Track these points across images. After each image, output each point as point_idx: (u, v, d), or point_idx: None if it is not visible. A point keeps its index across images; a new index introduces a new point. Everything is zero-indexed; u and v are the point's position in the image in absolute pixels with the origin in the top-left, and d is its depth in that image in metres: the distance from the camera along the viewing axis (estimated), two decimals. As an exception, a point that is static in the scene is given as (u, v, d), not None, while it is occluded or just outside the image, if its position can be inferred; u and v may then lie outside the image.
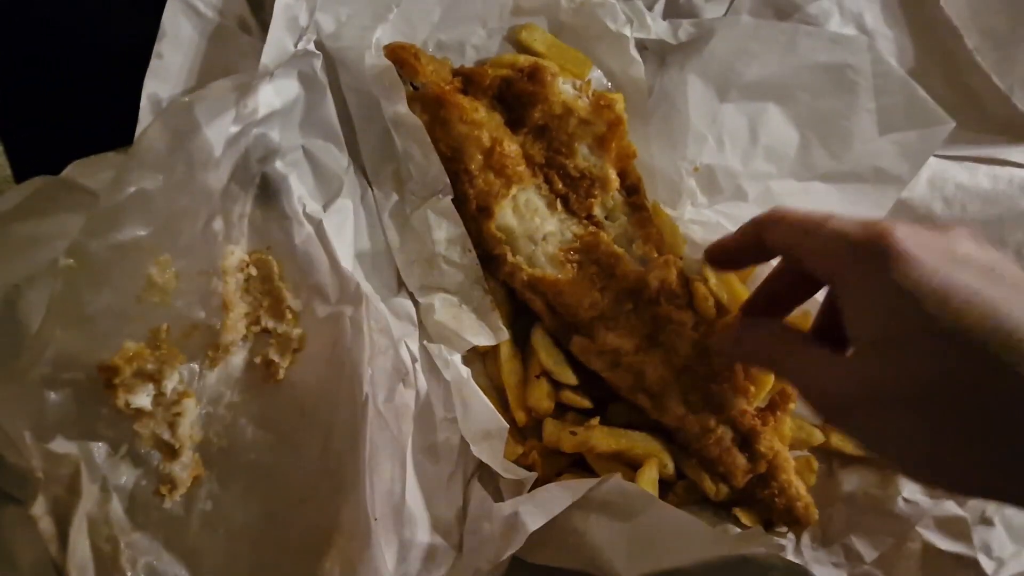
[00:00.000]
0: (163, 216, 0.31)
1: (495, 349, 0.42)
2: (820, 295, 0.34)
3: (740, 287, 0.43)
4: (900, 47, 0.47)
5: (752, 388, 0.40)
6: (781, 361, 0.30)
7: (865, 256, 0.25)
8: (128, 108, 0.32)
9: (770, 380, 0.41)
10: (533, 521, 0.34)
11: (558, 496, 0.35)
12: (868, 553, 0.39)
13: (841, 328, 0.28)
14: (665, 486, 0.41)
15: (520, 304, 0.43)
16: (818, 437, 0.42)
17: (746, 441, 0.39)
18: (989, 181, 0.42)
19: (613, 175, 0.44)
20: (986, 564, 0.38)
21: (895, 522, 0.40)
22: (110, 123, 0.31)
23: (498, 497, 0.39)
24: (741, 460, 0.38)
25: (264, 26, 0.35)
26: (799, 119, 0.44)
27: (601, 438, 0.39)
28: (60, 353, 0.29)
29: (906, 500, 0.40)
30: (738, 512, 0.40)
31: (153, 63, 0.32)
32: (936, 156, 0.43)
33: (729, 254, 0.36)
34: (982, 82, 0.46)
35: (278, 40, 0.35)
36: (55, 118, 0.41)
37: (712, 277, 0.43)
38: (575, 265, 0.42)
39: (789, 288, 0.34)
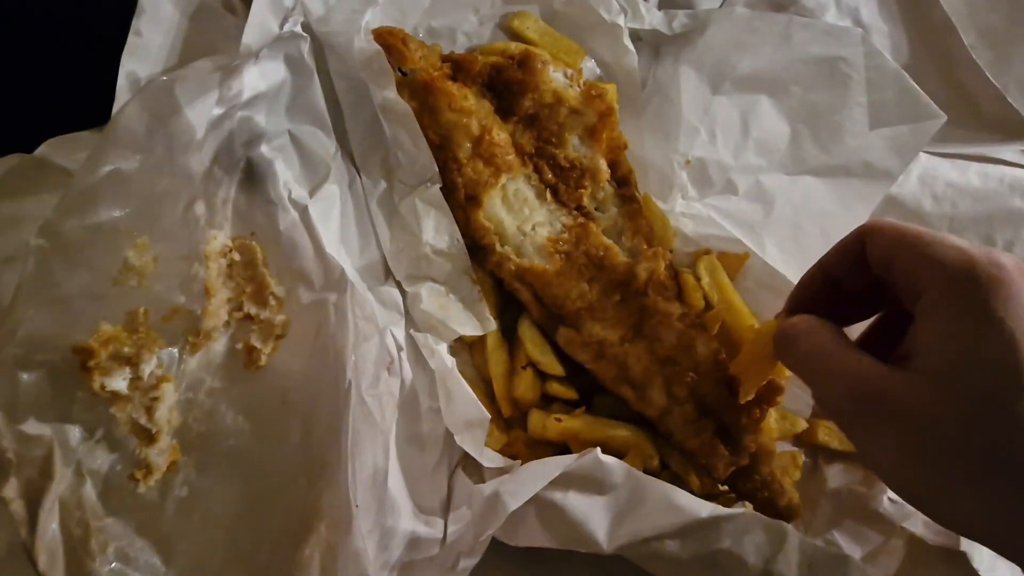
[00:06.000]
0: (141, 198, 0.31)
1: (482, 339, 0.42)
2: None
3: (729, 285, 0.43)
4: (895, 42, 0.47)
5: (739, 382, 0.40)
6: (828, 365, 0.29)
7: (962, 279, 0.25)
8: (105, 87, 0.31)
9: (761, 376, 0.41)
10: (513, 500, 0.34)
11: (537, 473, 0.35)
12: (852, 549, 0.39)
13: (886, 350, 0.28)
14: (649, 479, 0.40)
15: (507, 294, 0.43)
16: (801, 425, 0.42)
17: (730, 433, 0.39)
18: (980, 179, 0.42)
19: (604, 166, 0.43)
20: (974, 557, 0.38)
21: (880, 520, 0.39)
22: (86, 102, 0.31)
23: (482, 486, 0.38)
24: (723, 452, 0.38)
25: (250, 6, 0.34)
26: (791, 112, 0.43)
27: (586, 426, 0.39)
28: (33, 334, 0.29)
29: (891, 500, 0.40)
30: (721, 504, 0.40)
31: (131, 41, 0.32)
32: (927, 153, 0.43)
33: (824, 274, 0.33)
34: (977, 80, 0.46)
35: (261, 20, 0.34)
36: (28, 96, 0.40)
37: (705, 276, 0.43)
38: (564, 256, 0.41)
39: (845, 303, 0.33)
